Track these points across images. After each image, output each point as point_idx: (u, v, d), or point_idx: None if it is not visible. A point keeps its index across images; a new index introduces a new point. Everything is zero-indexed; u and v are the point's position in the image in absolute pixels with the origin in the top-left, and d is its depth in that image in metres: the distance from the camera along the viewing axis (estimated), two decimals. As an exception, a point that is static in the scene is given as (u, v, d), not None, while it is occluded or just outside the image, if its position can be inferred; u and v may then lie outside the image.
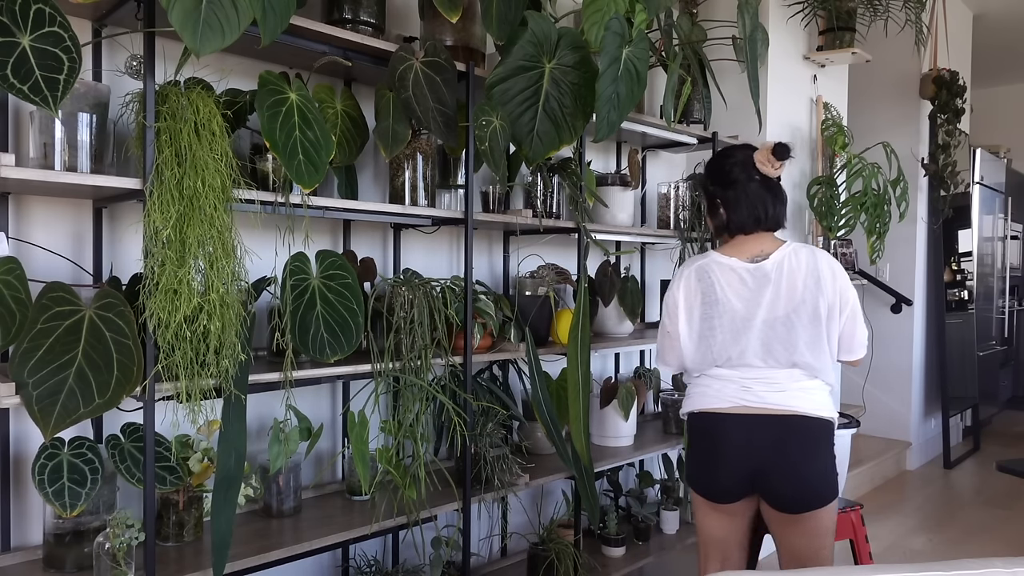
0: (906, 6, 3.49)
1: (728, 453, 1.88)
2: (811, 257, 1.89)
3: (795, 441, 1.84)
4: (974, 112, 5.53)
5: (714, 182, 2.01)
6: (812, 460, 1.85)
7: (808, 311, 1.85)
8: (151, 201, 1.50)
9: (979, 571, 1.22)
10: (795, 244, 1.93)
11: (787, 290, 1.87)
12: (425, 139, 2.12)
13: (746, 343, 1.87)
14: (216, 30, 1.44)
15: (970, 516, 4.03)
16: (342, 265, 1.85)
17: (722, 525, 1.98)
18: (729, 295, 1.89)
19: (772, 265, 1.89)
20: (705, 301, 1.91)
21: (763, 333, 1.86)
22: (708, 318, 1.91)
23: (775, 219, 1.95)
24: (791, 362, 1.86)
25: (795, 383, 1.86)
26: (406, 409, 1.99)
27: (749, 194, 1.93)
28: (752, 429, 1.86)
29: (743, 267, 1.90)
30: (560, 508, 2.86)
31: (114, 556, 1.56)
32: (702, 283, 1.92)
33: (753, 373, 1.87)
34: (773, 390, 1.86)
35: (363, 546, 2.32)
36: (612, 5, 2.14)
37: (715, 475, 1.91)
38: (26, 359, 1.44)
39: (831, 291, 1.87)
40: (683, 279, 1.96)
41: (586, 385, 2.33)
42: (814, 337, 1.85)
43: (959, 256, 5.20)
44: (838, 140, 3.54)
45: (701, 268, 1.94)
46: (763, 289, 1.88)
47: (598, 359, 3.15)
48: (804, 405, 1.85)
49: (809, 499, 1.85)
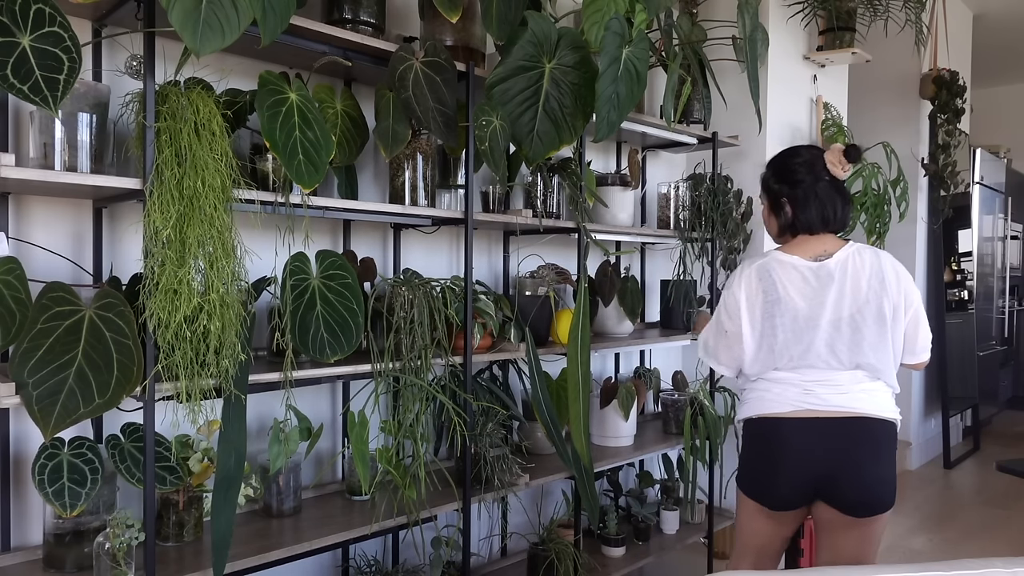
0: (906, 6, 3.49)
1: (792, 459, 1.84)
2: (875, 257, 1.87)
3: (860, 443, 1.81)
4: (974, 112, 5.53)
5: (780, 180, 1.97)
6: (877, 463, 1.81)
7: (873, 311, 1.83)
8: (151, 201, 1.50)
9: (979, 571, 1.22)
10: (859, 244, 1.90)
11: (852, 290, 1.84)
12: (425, 139, 2.12)
13: (809, 343, 1.83)
14: (216, 30, 1.44)
15: (970, 516, 4.03)
16: (342, 265, 1.85)
17: (770, 532, 1.96)
18: (792, 293, 1.85)
19: (836, 264, 1.86)
20: (767, 300, 1.87)
21: (828, 333, 1.83)
22: (770, 317, 1.87)
23: (843, 220, 1.92)
24: (855, 363, 1.83)
25: (858, 385, 1.83)
26: (406, 409, 1.99)
27: (819, 193, 1.90)
28: (817, 433, 1.82)
29: (806, 265, 1.87)
30: (560, 508, 2.86)
31: (114, 556, 1.56)
32: (763, 282, 1.88)
33: (815, 375, 1.84)
34: (836, 392, 1.82)
35: (363, 546, 2.32)
36: (612, 5, 2.15)
37: (776, 482, 1.87)
38: (26, 359, 1.44)
39: (895, 292, 1.84)
40: (743, 278, 1.92)
41: (586, 385, 2.33)
42: (879, 338, 1.83)
43: (959, 256, 5.20)
44: (838, 140, 3.54)
45: (762, 267, 1.91)
46: (827, 288, 1.84)
47: (598, 359, 3.15)
48: (868, 407, 1.82)
49: (873, 503, 1.82)
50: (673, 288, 2.96)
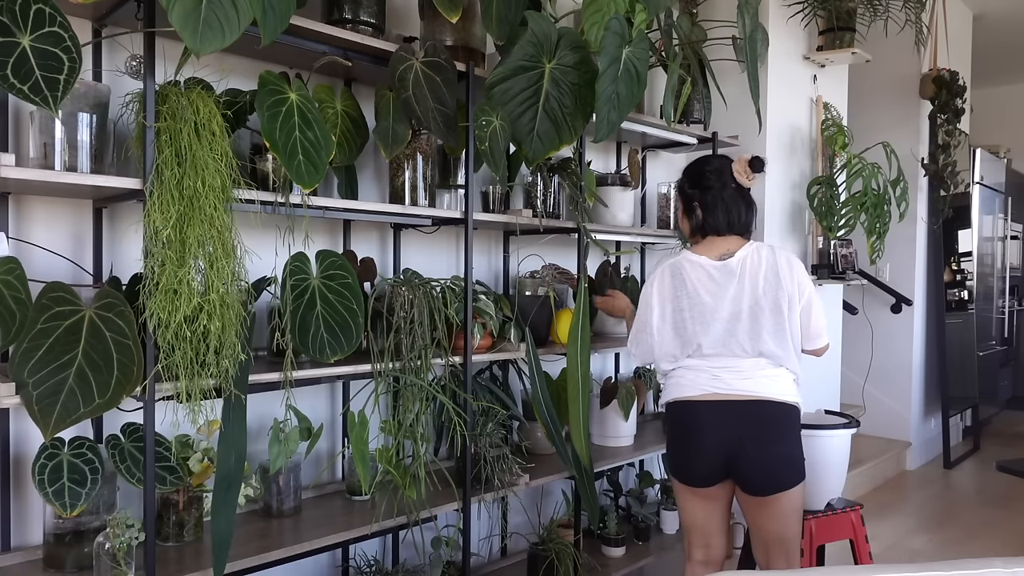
0: (906, 6, 3.49)
1: (702, 439, 2.01)
2: (771, 255, 2.05)
3: (762, 425, 1.98)
4: (974, 112, 5.53)
5: (692, 185, 2.16)
6: (778, 443, 1.98)
7: (769, 303, 2.00)
8: (151, 201, 1.50)
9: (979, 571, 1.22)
10: (758, 244, 2.09)
11: (750, 284, 2.02)
12: (425, 139, 2.12)
13: (715, 333, 2.01)
14: (216, 30, 1.44)
15: (970, 516, 4.03)
16: (342, 265, 1.85)
17: (702, 509, 2.11)
18: (699, 289, 2.04)
19: (737, 262, 2.05)
20: (677, 295, 2.06)
21: (730, 324, 2.01)
22: (680, 310, 2.05)
23: (746, 224, 2.12)
24: (757, 351, 2.00)
25: (760, 371, 2.00)
26: (406, 409, 1.99)
27: (725, 199, 2.09)
28: (722, 415, 1.99)
29: (711, 264, 2.06)
30: (560, 508, 2.86)
31: (114, 556, 1.56)
32: (675, 279, 2.08)
33: (722, 362, 2.02)
34: (740, 378, 1.99)
35: (363, 546, 2.32)
36: (612, 5, 2.14)
37: (691, 460, 2.04)
38: (26, 359, 1.44)
39: (789, 283, 2.02)
40: (658, 276, 2.12)
41: (586, 385, 2.33)
42: (776, 327, 2.00)
43: (959, 256, 5.20)
44: (838, 140, 3.55)
45: (674, 265, 2.10)
46: (728, 284, 2.03)
47: (598, 359, 3.15)
48: (768, 391, 1.98)
49: (776, 482, 1.98)
50: (673, 288, 2.96)
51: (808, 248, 3.63)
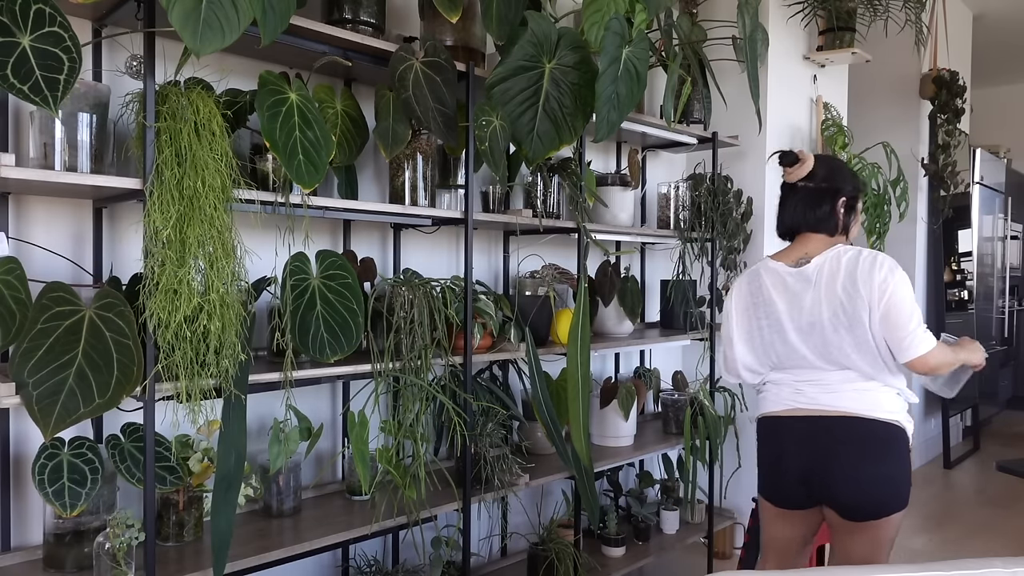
0: (906, 6, 3.49)
1: (784, 457, 1.91)
2: (853, 259, 1.85)
3: (847, 442, 1.82)
4: (974, 112, 5.53)
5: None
6: (872, 464, 1.80)
7: (848, 316, 1.82)
8: (151, 201, 1.50)
9: (979, 571, 1.22)
10: (844, 247, 1.90)
11: (827, 294, 1.85)
12: (425, 139, 2.12)
13: (793, 344, 1.90)
14: (216, 30, 1.44)
15: (970, 516, 4.03)
16: (342, 265, 1.85)
17: (785, 533, 2.00)
18: (775, 297, 1.93)
19: (813, 268, 1.90)
20: (754, 303, 1.97)
21: (808, 335, 1.87)
22: (756, 318, 1.96)
23: (813, 222, 1.94)
24: (842, 364, 1.85)
25: (849, 384, 1.85)
26: (406, 409, 1.99)
27: (788, 201, 2.00)
28: (805, 431, 1.87)
29: (787, 271, 1.94)
30: (560, 508, 2.86)
31: (114, 556, 1.56)
32: (751, 286, 1.99)
33: (806, 375, 1.90)
34: (824, 392, 1.86)
35: (363, 546, 2.32)
36: (612, 5, 2.15)
37: (776, 479, 1.95)
38: (26, 359, 1.44)
39: (866, 290, 1.80)
40: (736, 285, 2.05)
41: (586, 385, 2.33)
42: (860, 341, 1.82)
43: (959, 256, 5.20)
44: (838, 140, 3.54)
45: (752, 273, 2.02)
46: (804, 292, 1.89)
47: (598, 359, 3.15)
48: (857, 407, 1.82)
49: (867, 505, 1.81)
50: (673, 288, 2.96)
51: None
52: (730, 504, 3.30)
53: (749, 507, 2.75)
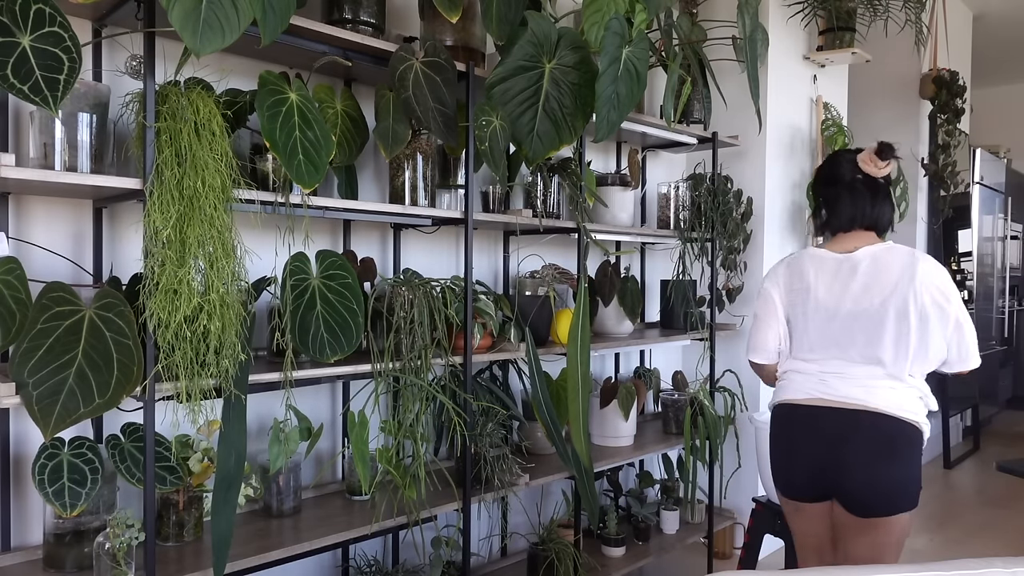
0: (906, 6, 3.49)
1: (800, 444, 1.89)
2: (910, 258, 1.87)
3: (867, 437, 1.80)
4: (974, 112, 5.53)
5: (818, 183, 2.07)
6: (889, 461, 1.79)
7: (896, 308, 1.81)
8: (151, 201, 1.50)
9: (979, 571, 1.22)
10: (895, 244, 1.93)
11: (877, 284, 1.85)
12: (425, 139, 2.12)
13: (830, 332, 1.89)
14: (216, 30, 1.44)
15: (970, 516, 4.03)
16: (342, 265, 1.85)
17: (807, 526, 1.96)
18: (817, 283, 1.91)
19: (862, 257, 1.90)
20: (792, 289, 1.96)
21: (846, 324, 1.86)
22: (793, 305, 1.95)
23: (873, 218, 1.96)
24: (873, 357, 1.84)
25: (873, 380, 1.84)
26: (406, 409, 1.99)
27: (850, 193, 1.96)
28: (824, 421, 1.85)
29: (832, 257, 1.93)
30: (560, 508, 2.86)
31: (114, 556, 1.56)
32: (791, 270, 1.98)
33: (832, 366, 1.88)
34: (850, 384, 1.85)
35: (363, 546, 2.32)
36: (612, 5, 2.14)
37: (790, 468, 1.93)
38: (26, 359, 1.44)
39: (925, 292, 1.80)
40: (775, 269, 2.04)
41: (586, 385, 2.32)
42: (899, 336, 1.81)
43: (959, 256, 5.20)
44: (838, 140, 3.54)
45: (793, 259, 2.01)
46: (850, 280, 1.88)
47: (598, 359, 3.15)
48: (880, 402, 1.81)
49: (877, 502, 1.80)
50: (673, 288, 2.96)
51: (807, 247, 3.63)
52: (730, 504, 3.30)
53: (749, 507, 2.75)
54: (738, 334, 3.35)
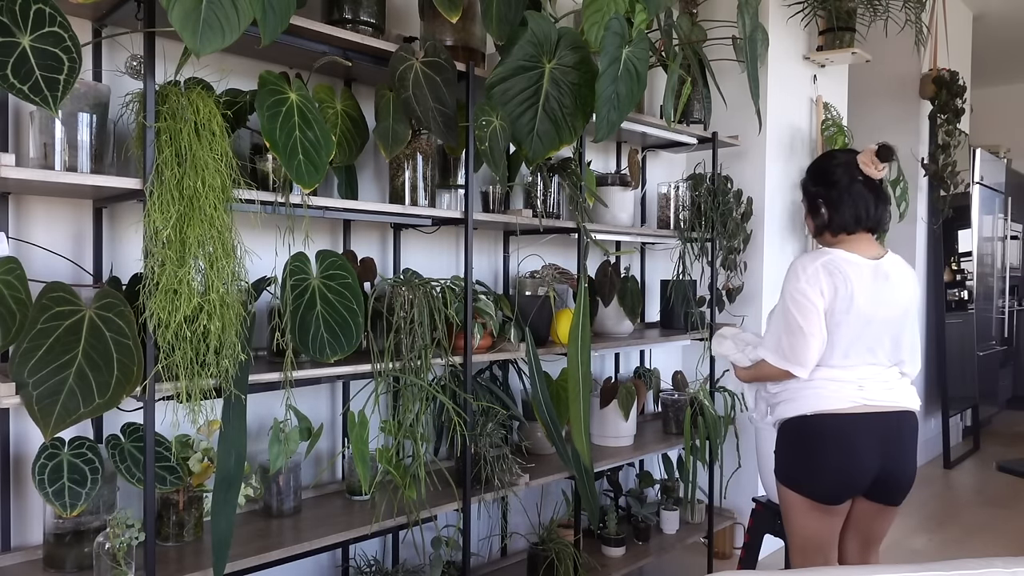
0: (906, 6, 3.49)
1: (861, 454, 1.90)
2: (909, 265, 2.02)
3: (908, 436, 1.95)
4: (974, 112, 5.53)
5: (816, 183, 2.05)
6: (914, 452, 1.97)
7: (913, 313, 1.99)
8: (151, 201, 1.50)
9: (979, 571, 1.22)
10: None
11: (901, 291, 1.94)
12: (425, 139, 2.12)
13: (862, 339, 1.92)
14: (216, 30, 1.44)
15: (970, 516, 4.03)
16: (342, 265, 1.85)
17: (828, 526, 2.00)
18: (857, 291, 1.90)
19: (890, 263, 1.97)
20: (839, 295, 1.90)
21: (880, 330, 1.92)
22: (834, 312, 1.90)
23: (876, 219, 1.98)
24: (897, 360, 1.96)
25: (899, 381, 1.97)
26: (406, 409, 1.99)
27: (852, 194, 1.96)
28: (875, 428, 1.91)
29: (866, 263, 1.94)
30: (560, 508, 2.86)
31: (114, 556, 1.56)
32: (833, 278, 1.91)
33: (866, 372, 1.93)
34: (884, 388, 1.93)
35: (363, 546, 2.32)
36: (612, 5, 2.14)
37: (836, 478, 1.92)
38: (26, 359, 1.44)
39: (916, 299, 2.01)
40: (811, 274, 1.92)
41: (586, 385, 2.32)
42: (915, 338, 1.99)
43: (959, 256, 5.20)
44: (838, 140, 3.54)
45: (830, 263, 1.92)
46: (883, 287, 1.93)
47: (598, 359, 3.15)
48: (908, 402, 1.96)
49: (908, 489, 1.98)
50: (673, 288, 2.96)
51: (808, 248, 3.63)
52: (730, 504, 3.30)
53: (749, 507, 2.74)
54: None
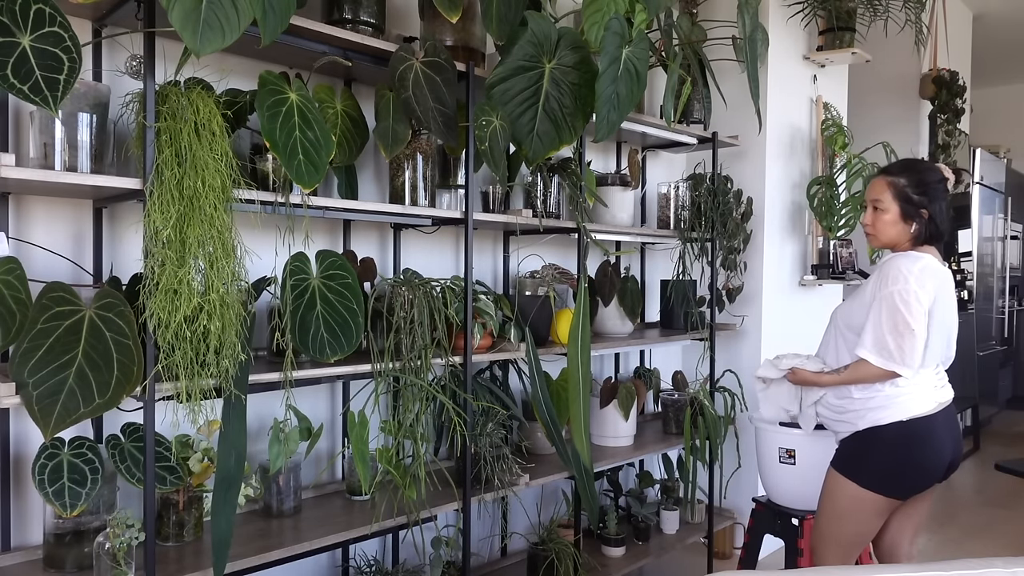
0: (906, 6, 3.49)
1: (944, 450, 2.05)
2: None
3: (957, 423, 2.14)
4: (974, 112, 5.53)
5: (920, 192, 2.15)
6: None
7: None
8: (151, 201, 1.50)
9: (979, 571, 1.22)
10: None
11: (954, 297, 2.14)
12: (425, 139, 2.12)
13: (938, 342, 2.08)
14: (216, 30, 1.44)
15: (970, 516, 4.03)
16: (342, 265, 1.85)
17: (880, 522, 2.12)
18: (945, 296, 2.08)
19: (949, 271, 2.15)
20: (936, 300, 2.05)
21: (948, 332, 2.12)
22: (933, 315, 2.04)
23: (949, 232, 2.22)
24: (946, 357, 2.15)
25: (944, 376, 2.16)
26: (406, 409, 1.99)
27: (945, 209, 2.16)
28: (950, 422, 2.09)
29: (944, 270, 2.10)
30: (560, 508, 2.86)
31: (114, 556, 1.56)
32: (936, 282, 2.05)
33: (935, 372, 2.11)
34: (944, 384, 2.13)
35: (363, 546, 2.32)
36: (612, 5, 2.14)
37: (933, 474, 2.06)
38: (26, 359, 1.44)
39: None
40: (923, 281, 2.01)
41: (586, 385, 2.32)
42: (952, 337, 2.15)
43: (959, 256, 5.20)
44: (838, 140, 3.54)
45: (928, 268, 2.05)
46: (953, 293, 2.12)
47: (598, 359, 3.15)
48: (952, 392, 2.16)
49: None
50: (673, 288, 2.96)
51: (808, 248, 3.63)
52: (730, 504, 3.30)
53: (749, 507, 2.74)
54: (738, 334, 3.35)
